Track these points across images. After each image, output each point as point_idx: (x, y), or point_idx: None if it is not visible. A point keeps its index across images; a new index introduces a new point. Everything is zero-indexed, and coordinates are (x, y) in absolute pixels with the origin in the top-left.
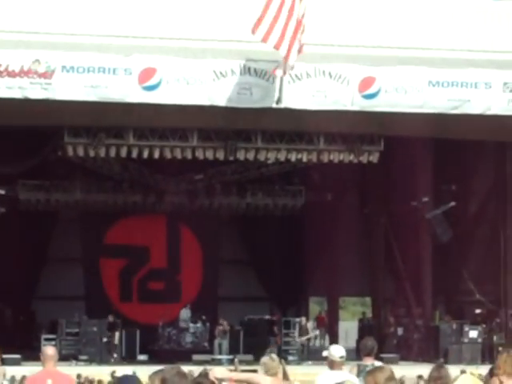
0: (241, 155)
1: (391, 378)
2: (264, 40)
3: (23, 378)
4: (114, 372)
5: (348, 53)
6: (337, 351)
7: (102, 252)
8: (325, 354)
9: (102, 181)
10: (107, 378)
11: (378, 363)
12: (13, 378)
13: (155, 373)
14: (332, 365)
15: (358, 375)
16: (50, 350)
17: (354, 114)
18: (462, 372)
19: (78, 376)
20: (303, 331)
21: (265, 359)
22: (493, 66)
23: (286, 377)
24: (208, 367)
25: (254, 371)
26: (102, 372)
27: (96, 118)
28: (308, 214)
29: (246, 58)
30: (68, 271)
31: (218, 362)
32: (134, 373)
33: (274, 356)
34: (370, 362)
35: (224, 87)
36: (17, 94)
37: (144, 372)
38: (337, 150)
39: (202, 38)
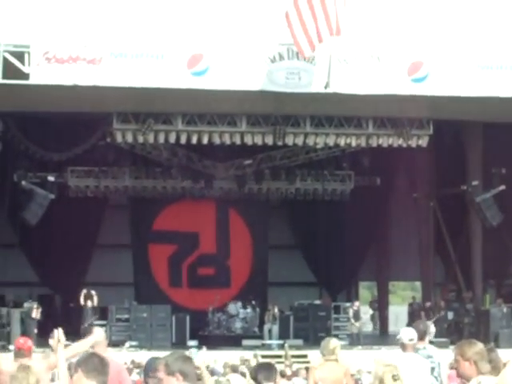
0: (289, 140)
1: (480, 352)
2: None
3: (71, 364)
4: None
5: (397, 36)
6: (406, 334)
7: (151, 238)
8: (398, 336)
9: (150, 167)
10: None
11: (430, 346)
12: None
13: (159, 359)
14: (404, 347)
15: None
16: (98, 335)
17: (402, 98)
18: None
19: (132, 362)
20: (357, 316)
21: (324, 342)
22: None
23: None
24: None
25: (304, 356)
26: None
27: (144, 104)
28: (357, 198)
29: (294, 43)
30: (117, 257)
31: (268, 347)
32: None
33: (333, 339)
34: (421, 346)
35: (272, 72)
36: (65, 81)
37: (194, 358)
38: (386, 134)
39: (250, 22)
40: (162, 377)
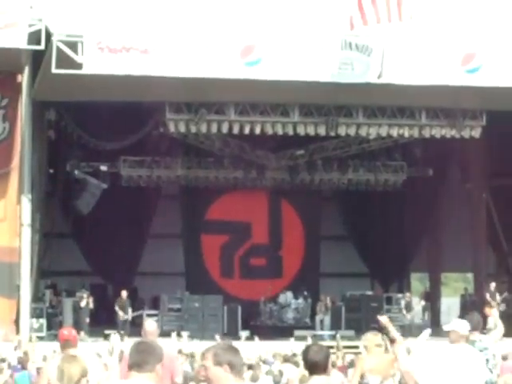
0: (342, 131)
1: None
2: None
3: (122, 352)
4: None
5: (450, 27)
6: (462, 325)
7: (203, 228)
8: (447, 328)
9: (203, 157)
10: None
11: (485, 338)
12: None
13: (207, 349)
14: (457, 339)
15: None
16: (150, 325)
17: (456, 88)
18: None
19: (180, 351)
20: (409, 307)
21: (368, 333)
22: None
23: (387, 352)
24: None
25: (356, 347)
26: (204, 347)
27: (197, 94)
28: (409, 189)
29: (347, 33)
30: (169, 247)
31: (320, 338)
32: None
33: (377, 332)
34: (477, 338)
35: (325, 62)
36: (118, 71)
37: (246, 348)
38: (439, 125)
39: (302, 12)
40: (208, 365)
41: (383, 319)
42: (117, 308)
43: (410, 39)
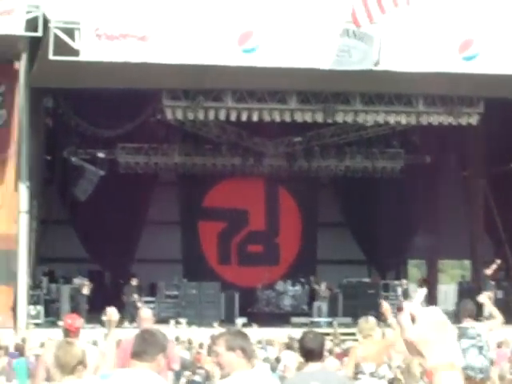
0: (339, 118)
1: None
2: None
3: (119, 340)
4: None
5: (447, 14)
6: (437, 311)
7: (200, 215)
8: None
9: (200, 144)
10: (207, 341)
11: (478, 325)
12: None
13: (218, 335)
14: None
15: (459, 338)
16: (145, 312)
17: (453, 75)
18: None
19: (177, 338)
20: (406, 294)
21: (360, 321)
22: None
23: (384, 338)
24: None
25: (353, 334)
26: (201, 334)
27: (195, 81)
28: (407, 176)
29: (345, 20)
30: (166, 234)
31: (317, 325)
32: None
33: (371, 318)
34: (470, 325)
35: (323, 50)
36: (115, 58)
37: None
38: (436, 112)
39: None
40: (220, 351)
41: (385, 305)
42: (136, 296)
43: (407, 26)
